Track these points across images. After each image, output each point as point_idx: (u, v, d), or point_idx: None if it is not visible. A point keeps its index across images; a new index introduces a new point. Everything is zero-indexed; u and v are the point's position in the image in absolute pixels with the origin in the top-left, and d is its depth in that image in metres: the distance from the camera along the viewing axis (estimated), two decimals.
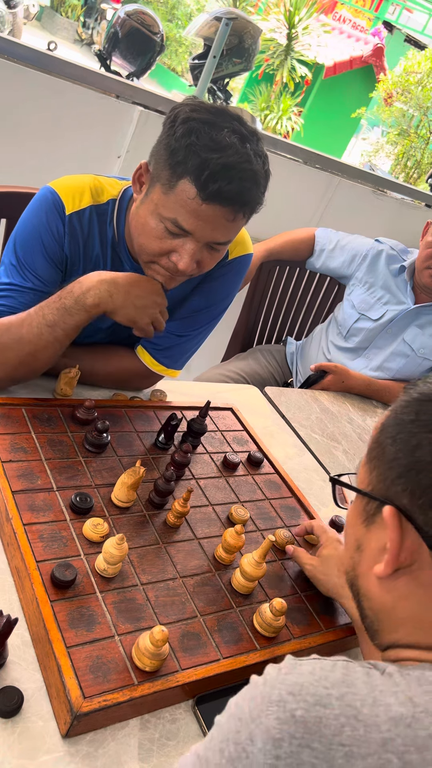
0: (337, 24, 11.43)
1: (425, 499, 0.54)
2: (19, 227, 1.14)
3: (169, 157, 1.00)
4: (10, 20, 7.08)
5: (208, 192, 0.97)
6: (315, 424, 1.63)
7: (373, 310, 1.98)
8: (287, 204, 2.52)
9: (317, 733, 0.47)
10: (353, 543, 0.65)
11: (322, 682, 0.50)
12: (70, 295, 1.05)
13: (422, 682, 0.50)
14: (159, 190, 1.03)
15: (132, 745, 0.73)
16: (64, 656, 0.72)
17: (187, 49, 11.17)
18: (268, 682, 0.51)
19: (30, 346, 1.06)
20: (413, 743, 0.46)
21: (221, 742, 0.50)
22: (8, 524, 0.85)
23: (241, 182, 0.98)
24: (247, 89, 10.76)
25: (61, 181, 1.14)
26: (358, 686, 0.50)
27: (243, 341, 2.26)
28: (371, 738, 0.46)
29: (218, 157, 0.96)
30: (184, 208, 1.00)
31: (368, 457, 0.63)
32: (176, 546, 0.96)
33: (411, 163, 9.48)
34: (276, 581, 1.00)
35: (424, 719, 0.47)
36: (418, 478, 0.55)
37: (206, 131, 0.97)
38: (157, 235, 1.05)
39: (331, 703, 0.48)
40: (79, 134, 2.01)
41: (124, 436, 1.11)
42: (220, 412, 1.33)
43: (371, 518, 0.61)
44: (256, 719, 0.49)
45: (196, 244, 1.04)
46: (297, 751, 0.46)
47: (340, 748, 0.46)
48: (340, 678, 0.50)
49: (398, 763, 0.45)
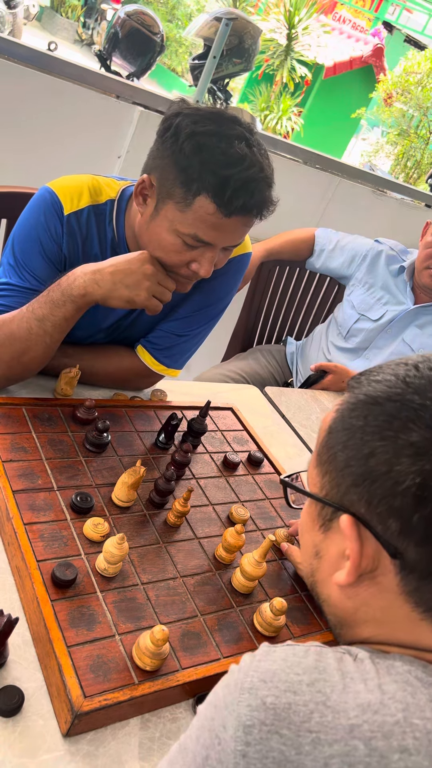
0: (337, 24, 11.43)
1: (383, 509, 0.53)
2: (18, 228, 1.14)
3: (181, 174, 1.00)
4: (10, 20, 7.08)
5: (233, 208, 1.00)
6: (315, 424, 1.63)
7: (372, 310, 1.98)
8: (287, 204, 2.51)
9: (286, 719, 0.47)
10: (311, 549, 0.63)
11: (294, 668, 0.50)
12: (58, 287, 1.05)
13: (391, 671, 0.51)
14: (173, 207, 1.03)
15: (132, 744, 0.73)
16: (64, 655, 0.72)
17: (187, 49, 11.17)
18: (242, 669, 0.51)
19: (20, 342, 1.06)
20: (380, 730, 0.46)
21: (198, 729, 0.51)
22: (9, 524, 0.85)
23: (260, 193, 1.01)
24: (247, 89, 10.75)
25: (60, 182, 1.14)
26: (330, 672, 0.50)
27: (243, 341, 2.26)
28: (339, 724, 0.46)
29: (237, 172, 0.98)
30: (204, 224, 1.02)
31: (318, 460, 0.61)
32: (176, 545, 0.96)
33: (411, 163, 9.48)
34: (276, 581, 1.00)
35: (391, 705, 0.48)
36: (374, 487, 0.53)
37: (215, 144, 0.98)
38: (176, 250, 1.06)
39: (301, 690, 0.48)
40: (79, 134, 2.01)
41: (124, 435, 1.12)
42: (220, 412, 1.33)
43: (327, 524, 0.60)
44: (229, 706, 0.49)
45: (214, 251, 1.07)
46: (266, 738, 0.47)
47: (308, 734, 0.46)
48: (312, 664, 0.50)
49: (364, 749, 0.45)
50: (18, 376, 1.12)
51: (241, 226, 1.05)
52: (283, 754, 0.46)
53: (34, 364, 1.10)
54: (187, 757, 0.51)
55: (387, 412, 0.54)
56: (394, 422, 0.53)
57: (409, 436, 0.52)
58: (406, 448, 0.52)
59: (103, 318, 1.24)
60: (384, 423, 0.54)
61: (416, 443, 0.52)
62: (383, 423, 0.54)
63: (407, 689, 0.49)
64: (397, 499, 0.52)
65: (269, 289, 2.23)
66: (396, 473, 0.52)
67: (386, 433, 0.53)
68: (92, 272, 1.04)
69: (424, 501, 0.51)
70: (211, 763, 0.48)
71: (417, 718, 0.47)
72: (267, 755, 0.46)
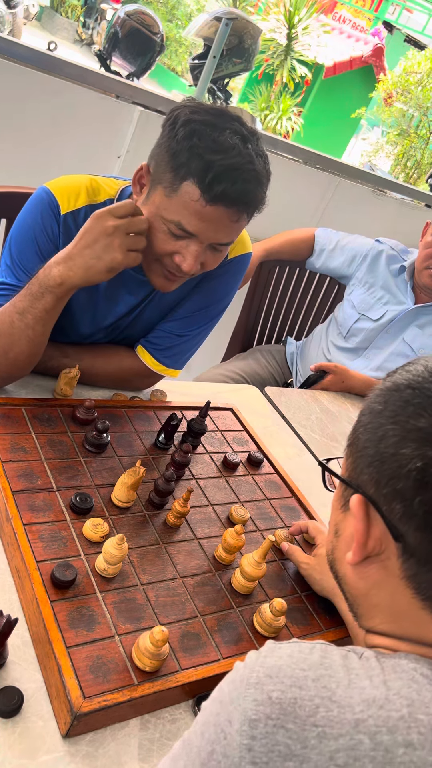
0: (337, 24, 11.42)
1: (389, 490, 0.55)
2: (15, 228, 1.14)
3: (171, 160, 1.00)
4: (10, 20, 7.08)
5: (213, 194, 0.98)
6: (315, 424, 1.63)
7: (373, 310, 1.98)
8: (287, 204, 2.51)
9: (292, 714, 0.47)
10: (333, 527, 0.66)
11: (300, 664, 0.51)
12: (36, 280, 1.04)
13: (397, 669, 0.51)
14: (161, 192, 1.03)
15: (132, 745, 0.73)
16: (64, 656, 0.72)
17: (187, 49, 11.17)
18: (248, 665, 0.52)
19: (4, 337, 1.06)
20: (385, 724, 0.47)
21: (203, 725, 0.51)
22: (8, 524, 0.85)
23: (244, 183, 0.99)
24: (247, 89, 10.75)
25: (57, 182, 1.14)
26: (335, 669, 0.50)
27: (243, 341, 2.26)
28: (344, 719, 0.47)
29: (221, 159, 0.96)
30: (188, 210, 1.00)
31: (347, 444, 0.64)
32: (176, 546, 0.96)
33: (411, 163, 9.48)
34: (276, 581, 1.00)
35: (396, 701, 0.48)
36: (382, 468, 0.56)
37: (208, 133, 0.97)
38: (160, 238, 1.05)
39: (307, 685, 0.49)
40: (79, 134, 2.01)
41: (124, 436, 1.11)
42: (220, 412, 1.33)
43: (346, 504, 0.62)
44: (234, 701, 0.49)
45: (199, 245, 1.04)
46: (272, 732, 0.47)
47: (314, 728, 0.47)
48: (318, 660, 0.51)
49: (369, 743, 0.46)
50: (8, 374, 1.10)
51: (225, 218, 1.02)
52: (289, 748, 0.46)
53: (22, 361, 1.08)
54: (192, 752, 0.51)
55: (404, 398, 0.56)
56: (408, 408, 0.55)
57: (417, 422, 0.54)
58: (414, 432, 0.54)
59: (103, 317, 1.24)
60: (399, 408, 0.56)
61: (424, 429, 0.53)
62: (398, 408, 0.56)
63: (412, 686, 0.50)
64: (401, 481, 0.54)
65: (269, 289, 2.23)
66: (401, 456, 0.54)
67: (399, 417, 0.55)
68: (63, 259, 1.02)
69: (425, 485, 0.52)
70: (216, 757, 0.49)
71: (422, 714, 0.48)
72: (273, 749, 0.47)
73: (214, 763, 0.48)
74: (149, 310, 1.27)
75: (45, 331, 1.07)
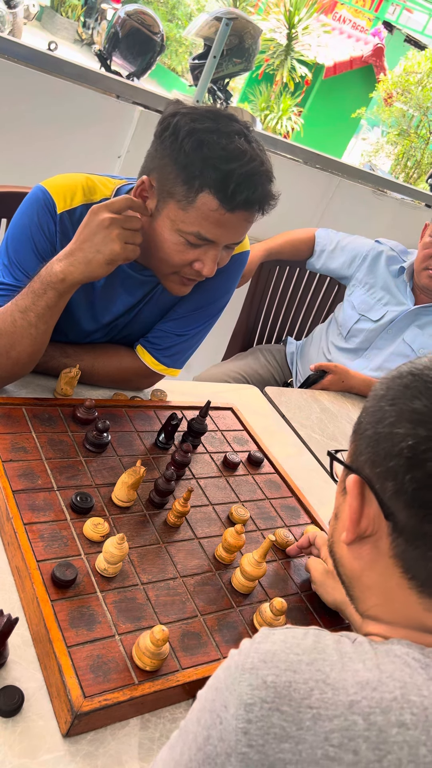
0: (337, 24, 11.42)
1: (382, 468, 0.57)
2: (11, 227, 1.14)
3: (182, 172, 1.00)
4: (10, 20, 7.08)
5: (235, 203, 1.00)
6: (315, 424, 1.63)
7: (373, 311, 1.98)
8: (287, 204, 2.50)
9: (287, 696, 0.48)
10: (334, 511, 0.69)
11: (294, 649, 0.52)
12: (38, 278, 1.05)
13: (389, 653, 0.53)
14: (174, 206, 1.03)
15: (132, 745, 0.73)
16: (64, 656, 0.72)
17: (187, 49, 11.16)
18: (242, 652, 0.53)
19: (7, 336, 1.06)
20: (378, 705, 0.48)
21: (199, 711, 0.52)
22: (9, 524, 0.85)
23: (263, 187, 1.02)
24: (247, 89, 10.75)
25: (53, 180, 1.14)
26: (328, 653, 0.51)
27: (243, 341, 2.26)
28: (338, 700, 0.48)
29: (238, 167, 0.98)
30: (207, 221, 1.02)
31: (352, 431, 0.66)
32: (176, 545, 0.96)
33: (411, 163, 9.48)
34: (276, 581, 1.00)
35: (389, 683, 0.49)
36: (378, 448, 0.58)
37: (215, 140, 0.98)
38: (179, 249, 1.07)
39: (301, 669, 0.50)
40: (79, 134, 2.01)
41: (124, 435, 1.11)
42: (220, 412, 1.33)
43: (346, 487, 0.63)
44: (230, 687, 0.50)
45: (217, 249, 1.07)
46: (267, 715, 0.48)
47: (309, 710, 0.47)
48: (311, 645, 0.52)
49: (363, 724, 0.47)
50: (9, 373, 1.10)
51: (243, 221, 1.06)
52: (284, 730, 0.47)
53: (24, 359, 1.08)
54: (188, 738, 0.52)
55: (404, 383, 0.59)
56: (407, 392, 0.58)
57: (413, 403, 0.56)
58: (408, 413, 0.56)
59: (101, 316, 1.23)
60: (398, 392, 0.58)
61: (417, 410, 0.56)
62: (398, 392, 0.58)
63: (405, 669, 0.51)
64: (393, 459, 0.56)
65: (269, 289, 2.23)
66: (394, 435, 0.56)
67: (397, 400, 0.58)
68: (65, 255, 1.03)
69: (415, 463, 0.54)
70: (212, 742, 0.49)
71: (414, 695, 0.49)
72: (268, 731, 0.47)
73: (211, 747, 0.49)
74: (148, 310, 1.27)
75: (47, 329, 1.07)
